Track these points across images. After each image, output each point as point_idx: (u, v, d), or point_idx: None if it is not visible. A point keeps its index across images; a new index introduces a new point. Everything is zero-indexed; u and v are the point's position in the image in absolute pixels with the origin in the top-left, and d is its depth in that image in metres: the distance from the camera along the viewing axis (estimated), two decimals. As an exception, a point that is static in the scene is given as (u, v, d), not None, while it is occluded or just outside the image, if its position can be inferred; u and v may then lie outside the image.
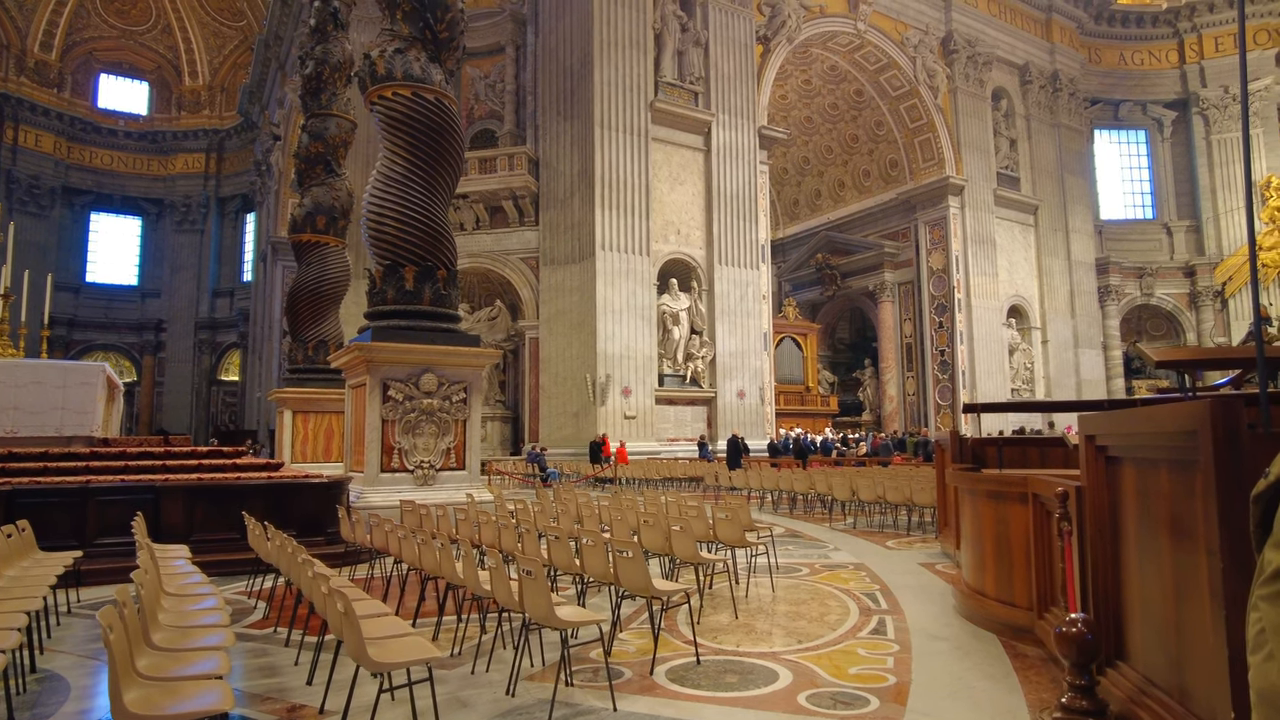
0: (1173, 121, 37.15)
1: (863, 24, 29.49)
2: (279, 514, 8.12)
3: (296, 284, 16.80)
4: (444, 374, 9.94)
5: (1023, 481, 4.95)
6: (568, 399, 23.54)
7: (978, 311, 31.19)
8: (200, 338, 42.56)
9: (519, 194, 24.94)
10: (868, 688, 4.14)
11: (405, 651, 3.35)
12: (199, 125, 43.38)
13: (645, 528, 6.34)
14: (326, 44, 16.43)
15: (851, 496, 11.90)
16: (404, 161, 10.18)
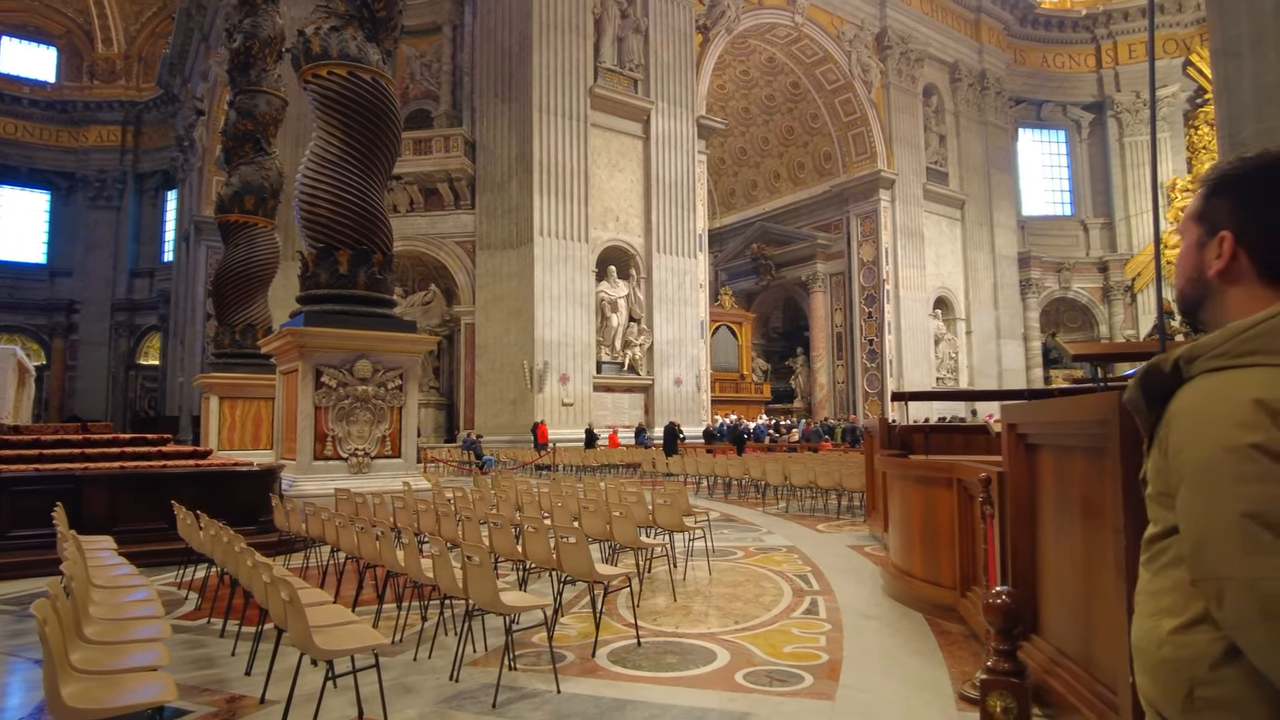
0: (1090, 123, 38.85)
1: (800, 17, 29.91)
2: (209, 503, 7.89)
3: (223, 266, 16.26)
4: (379, 360, 9.79)
5: (949, 467, 5.19)
6: (505, 386, 23.38)
7: (905, 303, 32.17)
8: (117, 320, 40.61)
9: (455, 177, 24.56)
10: (802, 665, 4.31)
11: (350, 639, 3.36)
12: (114, 96, 41.19)
13: (586, 514, 6.42)
14: (256, 17, 15.86)
15: (784, 482, 12.20)
16: (339, 142, 9.95)
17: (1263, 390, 0.91)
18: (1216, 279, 1.07)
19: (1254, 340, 0.95)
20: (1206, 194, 1.10)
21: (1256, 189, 1.04)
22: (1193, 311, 1.13)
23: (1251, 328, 0.96)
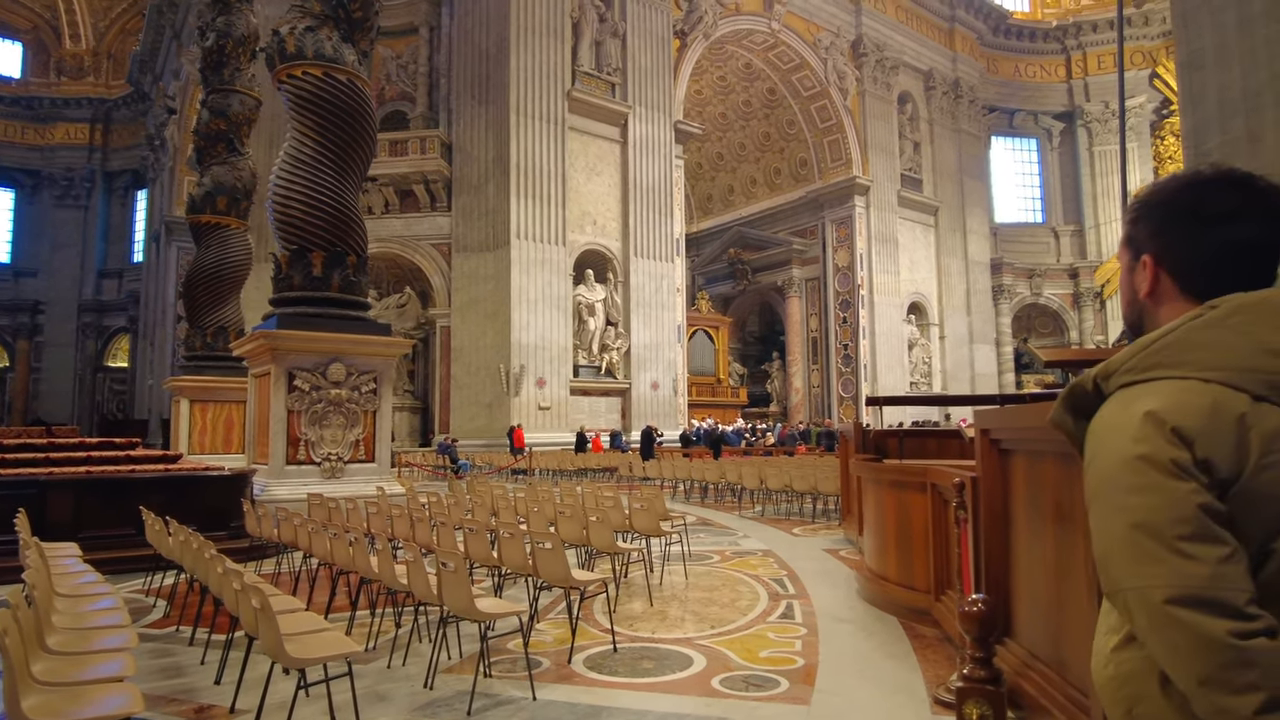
0: (1060, 132, 39.48)
1: (777, 23, 30.10)
2: (179, 508, 7.75)
3: (195, 267, 16.01)
4: (353, 363, 9.70)
5: (923, 472, 5.24)
6: (480, 389, 23.25)
7: (880, 308, 32.46)
8: (85, 321, 39.80)
9: (431, 178, 24.41)
10: (778, 669, 4.33)
11: (323, 647, 3.31)
12: (83, 93, 40.41)
13: (563, 519, 6.39)
14: (229, 16, 15.66)
15: (760, 485, 12.25)
16: (313, 143, 9.85)
17: (1155, 403, 0.95)
18: (1147, 300, 1.13)
19: (1156, 355, 1.00)
20: (1130, 221, 1.15)
21: (1167, 213, 1.09)
22: (1137, 331, 1.16)
23: (1154, 343, 1.01)
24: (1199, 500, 0.89)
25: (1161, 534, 0.89)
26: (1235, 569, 0.87)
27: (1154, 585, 0.89)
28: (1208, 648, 0.85)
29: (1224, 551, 0.88)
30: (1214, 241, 1.05)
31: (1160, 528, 0.90)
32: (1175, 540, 0.89)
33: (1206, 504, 0.89)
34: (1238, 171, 1.07)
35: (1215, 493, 0.90)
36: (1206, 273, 1.06)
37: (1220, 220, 1.04)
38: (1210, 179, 1.07)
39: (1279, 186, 1.05)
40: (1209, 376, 0.95)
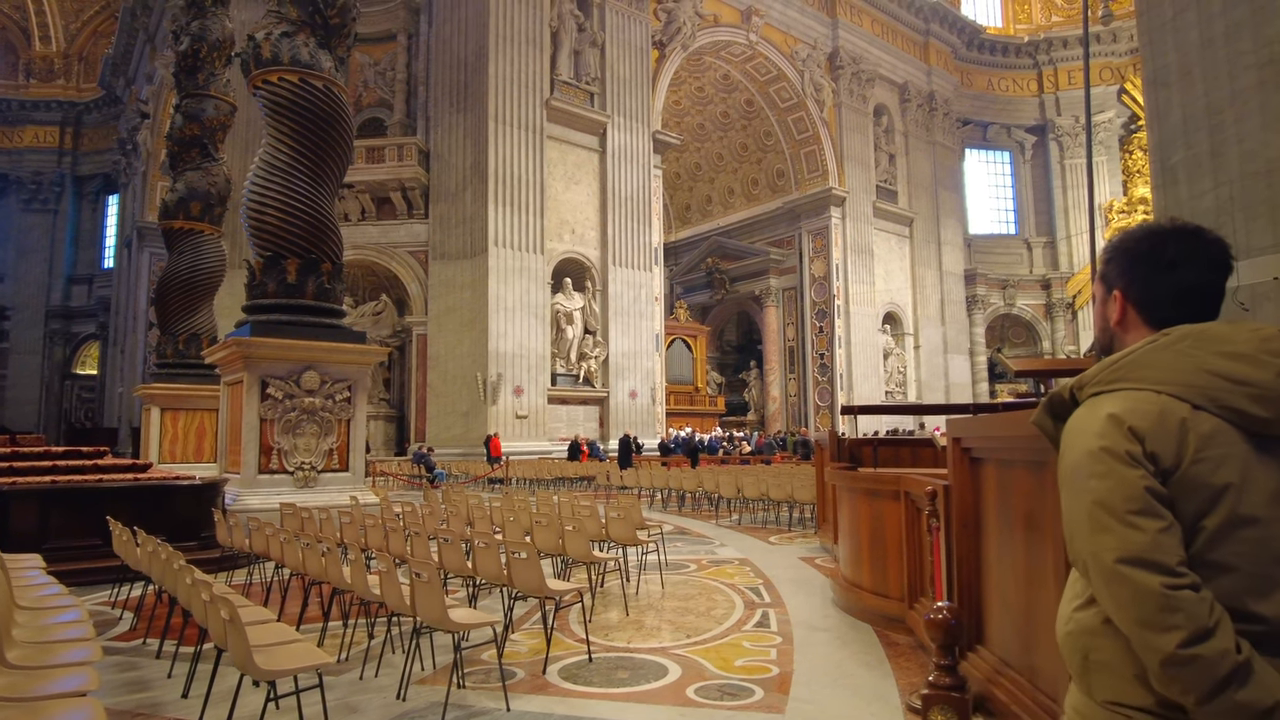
0: (1033, 145, 40.14)
1: (754, 35, 30.36)
2: (148, 518, 7.63)
3: (167, 273, 15.80)
4: (327, 372, 9.61)
5: (896, 480, 5.28)
6: (457, 398, 23.11)
7: (855, 317, 32.74)
8: (52, 328, 39.05)
9: (408, 186, 24.29)
10: (753, 678, 4.33)
11: (293, 658, 3.27)
12: (52, 96, 39.77)
13: (539, 528, 6.36)
14: (204, 20, 15.51)
15: (737, 494, 12.28)
16: (289, 150, 9.78)
17: (1116, 407, 1.18)
18: (1117, 328, 1.36)
19: (1119, 370, 1.22)
20: (1104, 261, 1.38)
21: (1133, 259, 1.33)
22: (1107, 350, 1.39)
23: (1118, 361, 1.23)
24: (1145, 484, 1.12)
25: (1115, 509, 1.12)
26: (1170, 538, 1.10)
27: (1107, 549, 1.12)
28: (1145, 597, 1.07)
29: (1162, 524, 1.10)
30: (1169, 283, 1.29)
31: (1114, 504, 1.12)
32: (1125, 514, 1.11)
33: (1151, 487, 1.12)
34: (1190, 226, 1.31)
35: (1159, 479, 1.13)
36: (1164, 307, 1.29)
37: (1174, 267, 1.28)
38: (1169, 232, 1.31)
39: (1221, 240, 1.29)
40: (1159, 389, 1.17)
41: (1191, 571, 1.09)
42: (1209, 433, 1.14)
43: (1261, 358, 1.16)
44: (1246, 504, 1.11)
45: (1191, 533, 1.12)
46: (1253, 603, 1.09)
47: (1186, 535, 1.12)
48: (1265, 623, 1.09)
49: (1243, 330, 1.20)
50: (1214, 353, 1.18)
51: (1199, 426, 1.14)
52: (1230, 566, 1.11)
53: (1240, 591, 1.10)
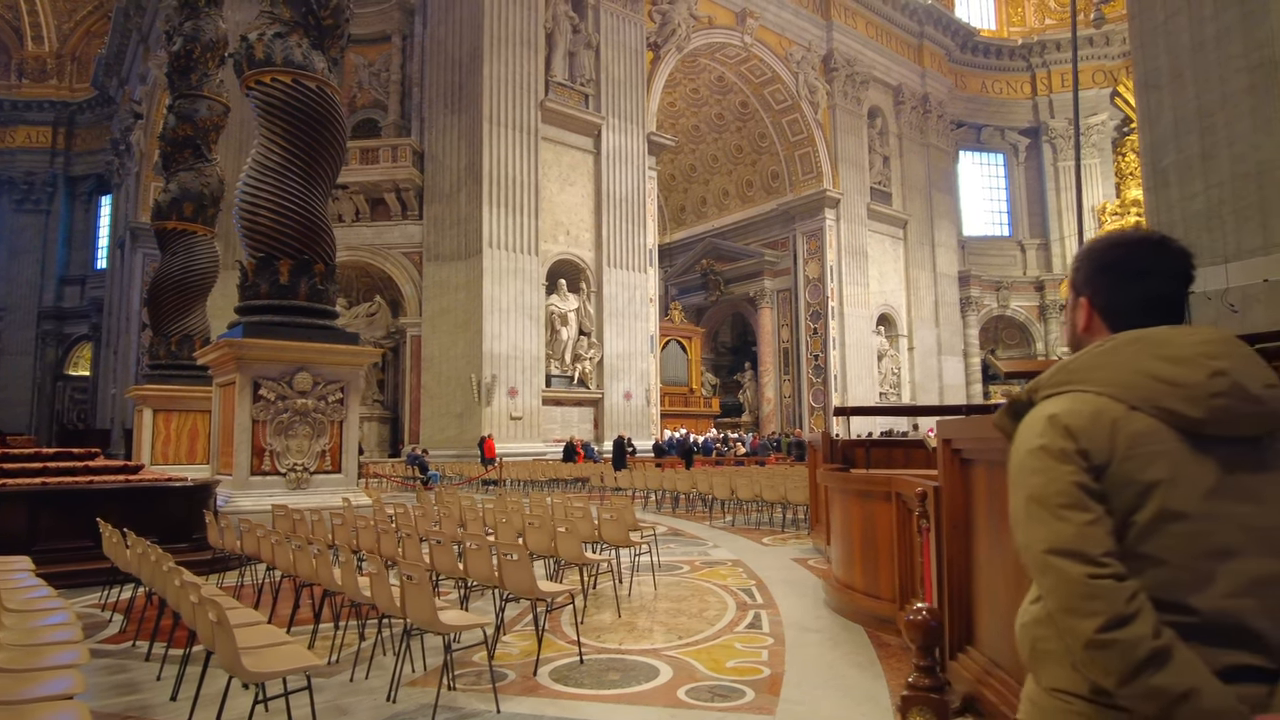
0: (1026, 147, 40.25)
1: (749, 37, 30.40)
2: (139, 519, 7.60)
3: (160, 274, 15.75)
4: (320, 373, 9.59)
5: (887, 481, 5.29)
6: (451, 399, 23.08)
7: (850, 319, 32.78)
8: (44, 328, 38.88)
9: (403, 186, 24.26)
10: (744, 680, 4.33)
11: (282, 660, 3.26)
12: (45, 96, 39.62)
13: (531, 530, 6.36)
14: (198, 20, 15.48)
15: (731, 495, 12.28)
16: (281, 150, 9.76)
17: (1057, 408, 1.25)
18: (1084, 333, 1.40)
19: (1068, 373, 1.28)
20: (1074, 269, 1.44)
21: (1099, 268, 1.37)
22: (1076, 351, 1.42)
23: (1069, 365, 1.29)
24: (1075, 479, 1.18)
25: (1046, 503, 1.19)
26: (1096, 530, 1.15)
27: (1038, 540, 1.19)
28: (1068, 585, 1.14)
29: (1090, 517, 1.16)
30: (1133, 293, 1.33)
31: (1046, 498, 1.19)
32: (1055, 508, 1.18)
33: (1081, 482, 1.18)
34: (1155, 236, 1.35)
35: (1092, 475, 1.18)
36: (1127, 315, 1.33)
37: (1139, 277, 1.33)
38: (1134, 242, 1.36)
39: (1185, 251, 1.33)
40: (1099, 390, 1.23)
41: (1118, 562, 1.14)
42: (1141, 432, 1.18)
43: (1197, 360, 1.20)
44: (1176, 500, 1.15)
45: (1124, 526, 1.17)
46: (1183, 595, 1.14)
47: (1119, 529, 1.17)
48: (1197, 614, 1.13)
49: (1185, 334, 1.24)
50: (1154, 356, 1.22)
51: (1131, 426, 1.19)
52: (1160, 559, 1.15)
53: (1170, 583, 1.14)
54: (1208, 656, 1.11)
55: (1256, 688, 1.12)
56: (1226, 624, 1.13)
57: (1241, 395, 1.18)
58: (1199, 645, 1.12)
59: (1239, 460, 1.18)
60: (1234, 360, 1.20)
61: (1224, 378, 1.18)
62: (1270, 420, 1.19)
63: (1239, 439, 1.19)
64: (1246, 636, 1.13)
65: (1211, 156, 8.86)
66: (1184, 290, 1.33)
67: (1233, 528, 1.15)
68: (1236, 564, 1.14)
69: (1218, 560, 1.14)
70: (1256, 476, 1.18)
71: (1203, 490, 1.16)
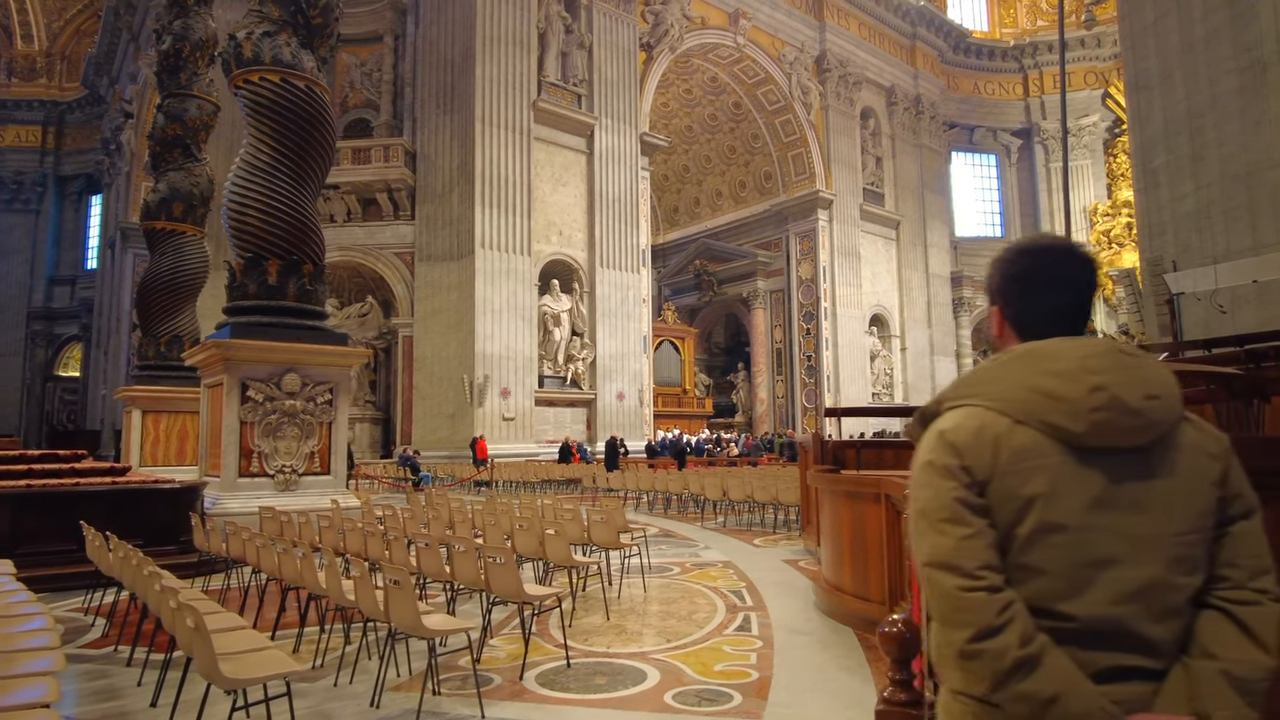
0: (1018, 149, 40.40)
1: (742, 38, 30.41)
2: (125, 522, 7.54)
3: (149, 274, 15.64)
4: (308, 374, 9.52)
5: (876, 483, 5.27)
6: (443, 400, 23.02)
7: (842, 320, 32.82)
8: (34, 329, 38.62)
9: (395, 187, 24.18)
10: (732, 684, 4.30)
11: (261, 666, 3.22)
12: (35, 95, 39.35)
13: (519, 532, 6.32)
14: (187, 19, 15.37)
15: (722, 496, 12.26)
16: (270, 150, 9.69)
17: (946, 423, 1.27)
18: (997, 340, 1.42)
19: (964, 387, 1.31)
20: (988, 277, 1.43)
21: (1007, 278, 1.37)
22: None
23: (967, 378, 1.32)
24: (956, 495, 1.21)
25: (929, 517, 1.22)
26: (974, 544, 1.18)
27: (921, 552, 1.23)
28: (944, 596, 1.18)
29: (968, 531, 1.19)
30: (1038, 302, 1.34)
31: (929, 512, 1.22)
32: (936, 521, 1.21)
33: (962, 497, 1.20)
34: (1061, 245, 1.36)
35: (976, 490, 1.21)
36: (1033, 324, 1.34)
37: (1042, 287, 1.33)
38: (1039, 250, 1.36)
39: (1090, 260, 1.34)
40: (987, 405, 1.25)
41: (995, 575, 1.17)
42: (1023, 446, 1.21)
43: (1077, 375, 1.22)
44: (1054, 513, 1.18)
45: (1008, 539, 1.20)
46: (1062, 603, 1.17)
47: (1004, 541, 1.20)
48: (1075, 620, 1.17)
49: (1072, 347, 1.26)
50: (1039, 370, 1.24)
51: (1013, 440, 1.21)
52: (1041, 570, 1.18)
53: (1050, 592, 1.18)
54: (1087, 659, 1.16)
55: (1140, 686, 1.17)
56: (1106, 628, 1.16)
57: (1121, 409, 1.19)
58: (1078, 649, 1.16)
59: (1126, 470, 1.20)
60: (1114, 374, 1.22)
61: (1103, 392, 1.20)
62: (1151, 431, 1.21)
63: (1127, 449, 1.20)
64: (1129, 639, 1.17)
65: (1201, 158, 8.88)
66: (1086, 300, 1.34)
67: (1115, 537, 1.18)
68: (1118, 571, 1.17)
69: (1097, 569, 1.17)
70: (1142, 485, 1.20)
71: (1084, 502, 1.18)
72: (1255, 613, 1.18)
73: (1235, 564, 1.21)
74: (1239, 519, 1.23)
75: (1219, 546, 1.22)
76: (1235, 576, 1.21)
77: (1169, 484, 1.20)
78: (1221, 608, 1.20)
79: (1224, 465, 1.24)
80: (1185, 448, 1.23)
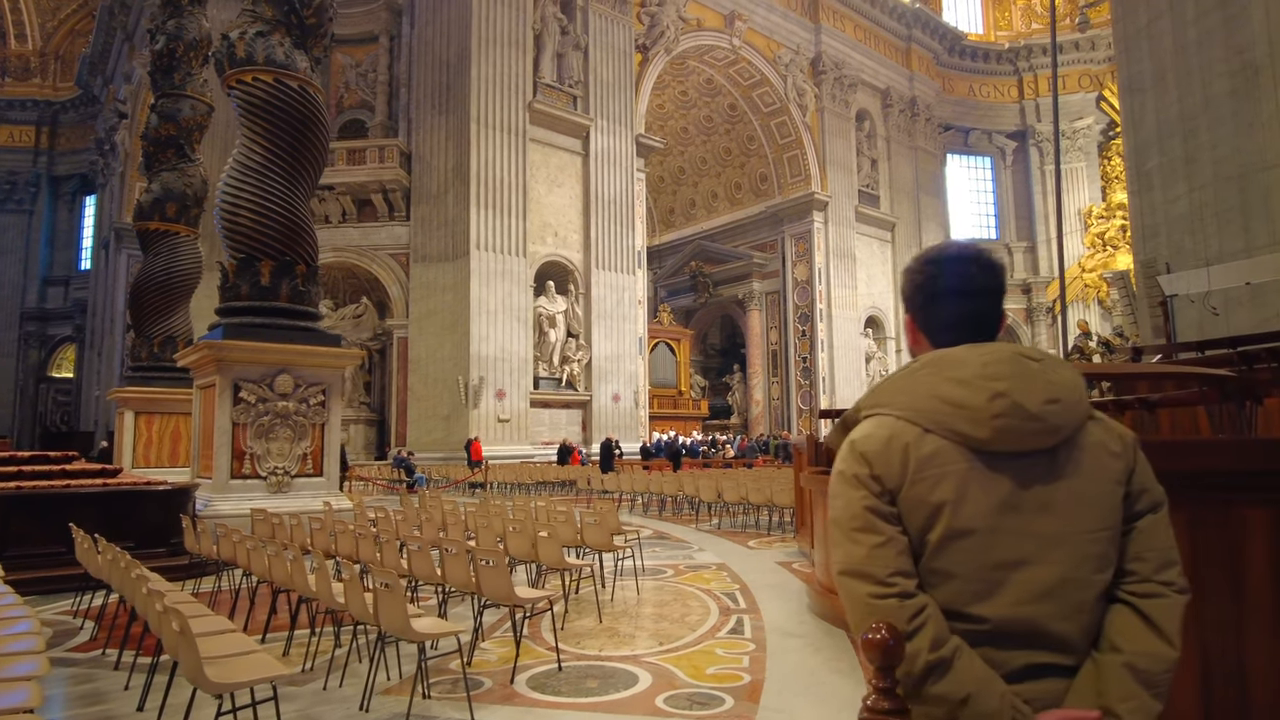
0: (1013, 151, 40.47)
1: (738, 40, 30.42)
2: (116, 524, 7.50)
3: (142, 275, 15.58)
4: (301, 375, 9.48)
5: (869, 486, 5.24)
6: (438, 401, 22.97)
7: (838, 321, 32.85)
8: (27, 330, 38.48)
9: (390, 187, 24.13)
10: (724, 687, 4.28)
11: (248, 670, 3.19)
12: (28, 94, 39.24)
13: (511, 535, 6.29)
14: (181, 19, 15.32)
15: (717, 498, 12.25)
16: (263, 150, 9.66)
17: (858, 433, 1.30)
18: (914, 348, 1.42)
19: (877, 395, 1.32)
20: (901, 286, 1.44)
21: (916, 287, 1.39)
22: None
23: (880, 386, 1.33)
24: (866, 504, 1.24)
25: (842, 526, 1.26)
26: (885, 552, 1.21)
27: (836, 561, 1.26)
28: (856, 604, 1.22)
29: (879, 540, 1.22)
30: (946, 310, 1.35)
31: (842, 521, 1.26)
32: (849, 530, 1.24)
33: (872, 506, 1.23)
34: (968, 252, 1.36)
35: (887, 498, 1.24)
36: (942, 332, 1.35)
37: (947, 296, 1.35)
38: (943, 260, 1.36)
39: (994, 265, 1.35)
40: (896, 414, 1.27)
41: (907, 581, 1.20)
42: (930, 454, 1.22)
43: (977, 383, 1.23)
44: (963, 518, 1.20)
45: (920, 545, 1.22)
46: (974, 606, 1.19)
47: (917, 548, 1.23)
48: (988, 621, 1.19)
49: (976, 354, 1.26)
50: (944, 378, 1.25)
51: (921, 449, 1.23)
52: (952, 574, 1.20)
53: (962, 596, 1.20)
54: (1001, 659, 1.19)
55: (1053, 683, 1.19)
56: (1018, 628, 1.19)
57: (1021, 414, 1.20)
58: (992, 650, 1.19)
59: (1033, 473, 1.21)
60: (1014, 380, 1.22)
61: (1003, 399, 1.21)
62: (1055, 434, 1.22)
63: (1033, 452, 1.22)
64: (1041, 638, 1.19)
65: (1194, 159, 8.90)
66: (991, 306, 1.35)
67: (1024, 538, 1.20)
68: (1028, 572, 1.19)
69: (1008, 570, 1.19)
70: (1049, 486, 1.21)
71: (991, 506, 1.20)
72: (1158, 605, 1.21)
73: (1142, 558, 1.24)
74: (1146, 514, 1.26)
75: (1127, 541, 1.24)
76: (1141, 570, 1.23)
77: (1075, 484, 1.22)
78: (1128, 601, 1.22)
79: (1127, 463, 1.26)
80: (1089, 447, 1.24)
